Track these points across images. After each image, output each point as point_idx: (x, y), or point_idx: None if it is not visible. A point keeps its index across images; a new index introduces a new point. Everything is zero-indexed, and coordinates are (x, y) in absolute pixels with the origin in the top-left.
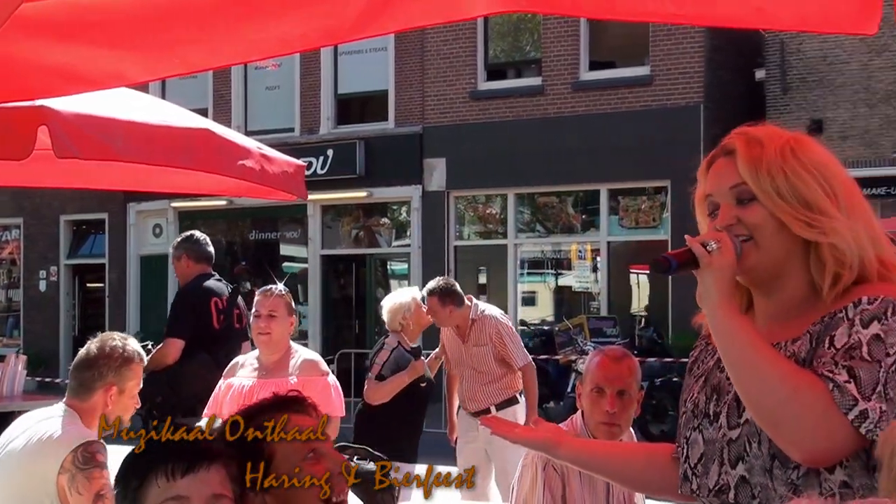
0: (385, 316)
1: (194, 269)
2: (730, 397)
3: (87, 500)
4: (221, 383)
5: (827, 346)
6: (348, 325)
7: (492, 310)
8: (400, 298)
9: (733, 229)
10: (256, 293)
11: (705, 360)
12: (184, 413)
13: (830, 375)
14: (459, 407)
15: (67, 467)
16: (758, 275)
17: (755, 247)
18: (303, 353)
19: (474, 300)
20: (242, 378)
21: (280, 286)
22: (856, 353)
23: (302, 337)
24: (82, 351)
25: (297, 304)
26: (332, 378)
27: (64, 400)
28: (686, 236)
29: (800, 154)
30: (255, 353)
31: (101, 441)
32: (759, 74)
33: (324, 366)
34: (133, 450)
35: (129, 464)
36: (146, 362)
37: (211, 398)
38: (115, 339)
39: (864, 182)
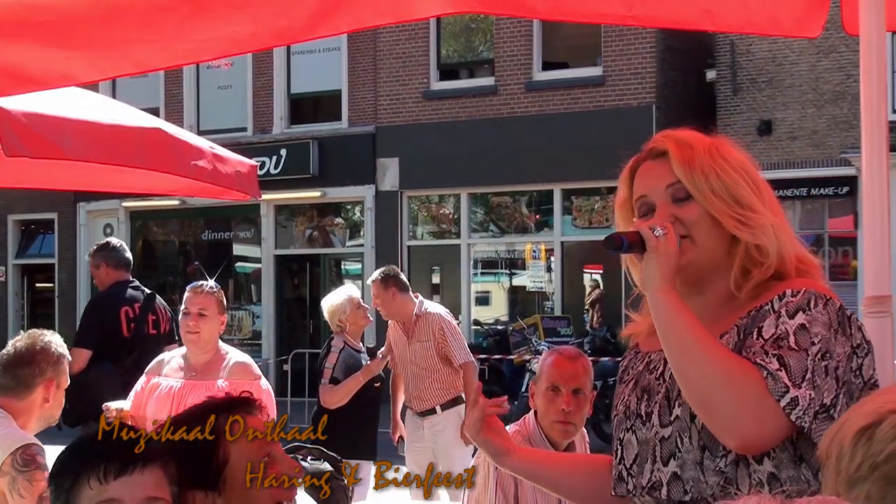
0: (326, 318)
1: (112, 276)
2: (660, 397)
3: (30, 502)
4: (144, 380)
5: (755, 336)
6: (302, 325)
7: (436, 307)
8: (335, 300)
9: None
10: (186, 290)
11: (635, 366)
12: (96, 420)
13: (763, 363)
14: (405, 407)
15: (6, 470)
16: (693, 272)
17: (692, 244)
18: (234, 356)
19: (420, 297)
20: (170, 378)
21: (211, 282)
22: (783, 342)
23: (255, 337)
24: (11, 349)
25: (251, 304)
26: (264, 382)
27: None
28: (635, 220)
29: (725, 154)
30: (182, 351)
31: (39, 443)
32: (710, 75)
33: (256, 369)
34: (66, 448)
35: (62, 463)
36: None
37: (132, 395)
38: (46, 335)
39: (813, 182)
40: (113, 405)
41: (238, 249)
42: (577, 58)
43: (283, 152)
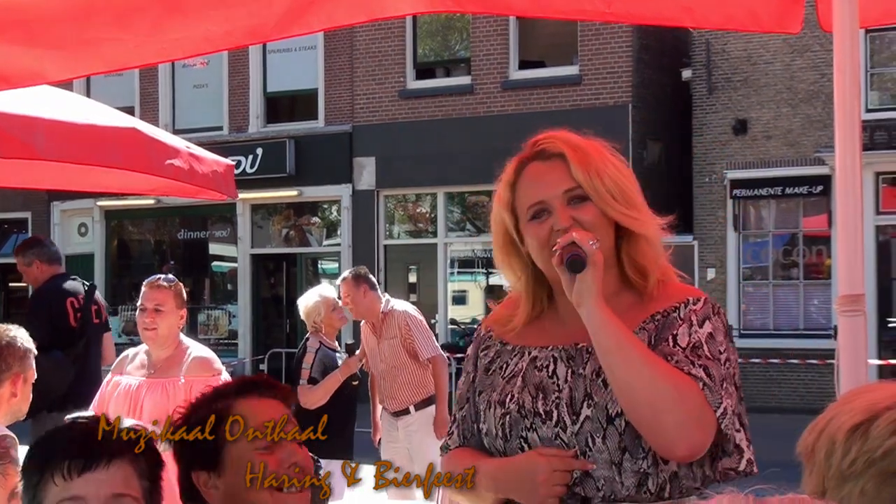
0: (302, 317)
1: (47, 272)
2: (562, 396)
3: (2, 497)
4: (109, 379)
5: (672, 344)
6: (279, 324)
7: (402, 304)
8: (310, 300)
9: (573, 229)
10: (143, 284)
11: (511, 361)
12: (49, 411)
13: (696, 374)
14: (382, 409)
15: None
16: (569, 297)
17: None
18: (194, 350)
19: (387, 295)
20: (130, 376)
21: (168, 276)
22: (700, 351)
23: (232, 337)
24: None
25: (227, 303)
26: (225, 376)
27: None
28: (574, 233)
29: (612, 156)
30: (145, 346)
31: (12, 435)
32: (686, 74)
33: (217, 364)
34: (33, 443)
35: (29, 458)
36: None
37: (97, 395)
38: (11, 330)
39: (788, 181)
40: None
41: (214, 249)
42: (554, 57)
43: (260, 151)
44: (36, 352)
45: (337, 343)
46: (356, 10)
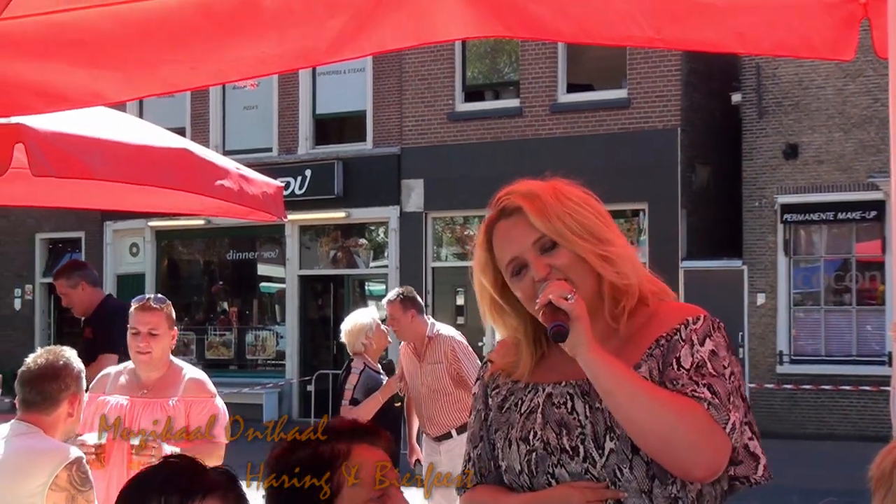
0: (345, 338)
1: (94, 294)
2: (586, 430)
3: None
4: (91, 399)
5: (676, 367)
6: (325, 345)
7: (448, 329)
8: (360, 319)
9: (551, 277)
10: (133, 305)
11: (526, 398)
12: None
13: (700, 395)
14: (420, 431)
15: (63, 486)
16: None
17: (575, 287)
18: (189, 371)
19: (431, 319)
20: (117, 396)
21: (158, 296)
22: (704, 370)
23: (279, 357)
24: (33, 365)
25: (275, 324)
26: (219, 400)
27: (18, 417)
28: (549, 293)
29: (568, 195)
30: (127, 365)
31: (83, 454)
32: (735, 98)
33: (211, 386)
34: (129, 482)
35: (124, 499)
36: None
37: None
38: (65, 351)
39: (840, 206)
40: (89, 439)
41: (262, 269)
42: (603, 80)
43: (308, 173)
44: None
45: (378, 365)
46: (407, 33)
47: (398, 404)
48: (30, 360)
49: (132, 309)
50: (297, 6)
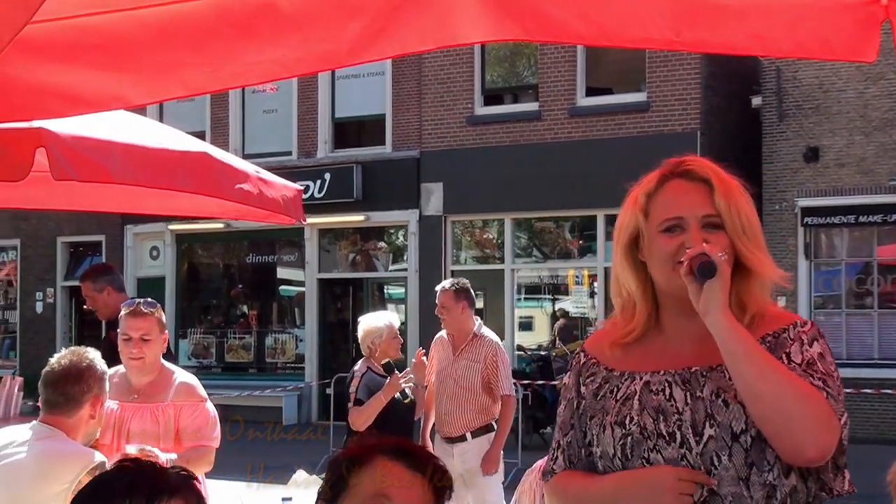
0: (359, 337)
1: (121, 299)
2: (684, 417)
3: None
4: None
5: (787, 362)
6: (345, 349)
7: (492, 334)
8: (375, 322)
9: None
10: (122, 310)
11: (622, 385)
12: None
13: (817, 385)
14: (434, 432)
15: None
16: (695, 306)
17: None
18: (180, 376)
19: (480, 320)
20: (108, 401)
21: (148, 300)
22: (815, 368)
23: (299, 360)
24: (57, 366)
25: (294, 327)
26: (209, 404)
27: (41, 418)
28: (704, 244)
29: (747, 196)
30: (118, 369)
31: (105, 459)
32: (756, 101)
33: (202, 391)
34: (86, 487)
35: (87, 497)
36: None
37: None
38: (89, 352)
39: (861, 209)
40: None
41: (282, 273)
42: (622, 83)
43: (328, 176)
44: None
45: (383, 369)
46: (427, 37)
47: (406, 400)
48: (53, 360)
49: (122, 314)
50: (317, 9)
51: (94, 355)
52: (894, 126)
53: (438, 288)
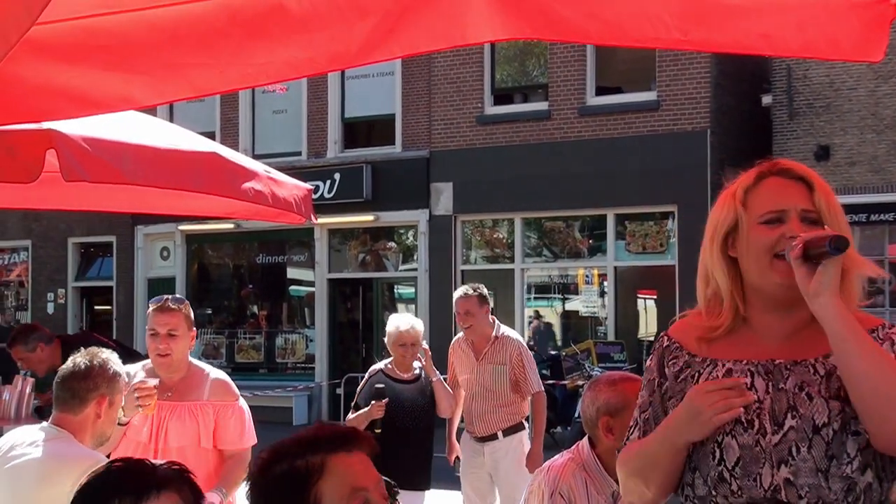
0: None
1: (53, 352)
2: (763, 405)
3: None
4: None
5: None
6: (355, 348)
7: (514, 333)
8: (389, 324)
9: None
10: (150, 307)
11: (704, 370)
12: None
13: None
14: (462, 429)
15: None
16: (798, 293)
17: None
18: (212, 373)
19: (497, 321)
20: None
21: (176, 296)
22: None
23: (309, 361)
24: (70, 365)
25: (304, 327)
26: (243, 402)
27: (52, 420)
28: (826, 227)
29: (837, 198)
30: (145, 364)
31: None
32: (766, 100)
33: (235, 388)
34: (79, 489)
35: (78, 499)
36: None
37: None
38: (104, 352)
39: (872, 208)
40: (150, 381)
41: (292, 273)
42: (632, 82)
43: (337, 176)
44: (126, 378)
45: (400, 372)
46: (437, 37)
47: (377, 430)
48: (70, 359)
49: (150, 310)
50: (326, 10)
51: (108, 355)
52: None
53: (458, 295)
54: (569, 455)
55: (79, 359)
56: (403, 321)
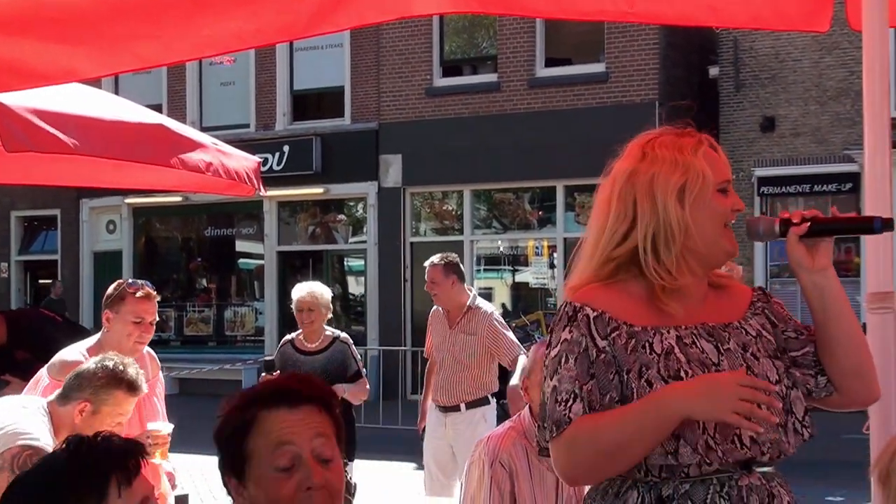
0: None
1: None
2: (722, 367)
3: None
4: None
5: (791, 321)
6: None
7: (488, 305)
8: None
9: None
10: (130, 290)
11: (654, 339)
12: None
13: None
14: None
15: (5, 465)
16: (801, 264)
17: None
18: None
19: (474, 291)
20: None
21: (147, 282)
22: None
23: (258, 333)
24: (88, 361)
25: (253, 300)
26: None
27: (47, 399)
28: (813, 210)
29: None
30: (87, 347)
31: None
32: (713, 71)
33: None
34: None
35: (76, 472)
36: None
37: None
38: (115, 360)
39: (816, 178)
40: (163, 429)
41: (241, 246)
42: (580, 54)
43: (286, 149)
44: (138, 394)
45: (308, 344)
46: (385, 8)
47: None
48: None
49: (134, 296)
50: None
51: (114, 365)
52: (848, 95)
53: (427, 263)
54: (510, 424)
55: (97, 358)
56: (302, 287)
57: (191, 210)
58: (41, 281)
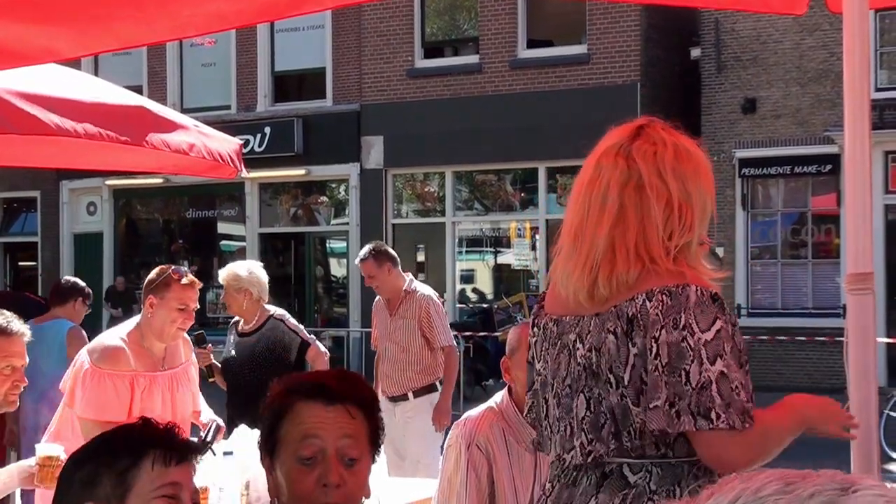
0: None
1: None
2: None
3: None
4: (132, 378)
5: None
6: (287, 303)
7: (426, 288)
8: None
9: None
10: (175, 277)
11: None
12: None
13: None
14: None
15: None
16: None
17: None
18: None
19: (409, 275)
20: (146, 373)
21: (186, 268)
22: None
23: None
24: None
25: None
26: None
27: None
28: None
29: None
30: (121, 336)
31: None
32: (695, 53)
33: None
34: (119, 429)
35: (121, 439)
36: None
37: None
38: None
39: (797, 160)
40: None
41: (222, 228)
42: (562, 36)
43: (268, 130)
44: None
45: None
46: None
47: (211, 380)
48: None
49: (179, 282)
50: None
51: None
52: (829, 77)
53: (357, 260)
54: (487, 406)
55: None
56: (224, 268)
57: (172, 192)
58: (21, 263)
